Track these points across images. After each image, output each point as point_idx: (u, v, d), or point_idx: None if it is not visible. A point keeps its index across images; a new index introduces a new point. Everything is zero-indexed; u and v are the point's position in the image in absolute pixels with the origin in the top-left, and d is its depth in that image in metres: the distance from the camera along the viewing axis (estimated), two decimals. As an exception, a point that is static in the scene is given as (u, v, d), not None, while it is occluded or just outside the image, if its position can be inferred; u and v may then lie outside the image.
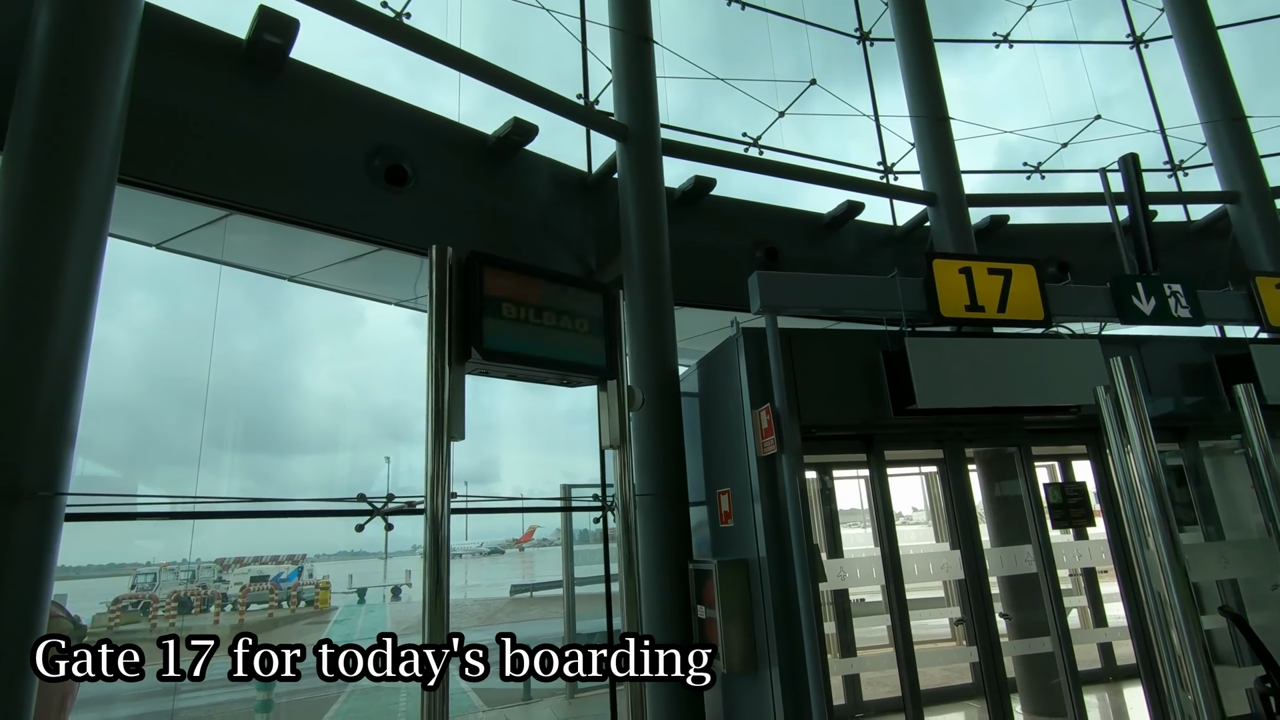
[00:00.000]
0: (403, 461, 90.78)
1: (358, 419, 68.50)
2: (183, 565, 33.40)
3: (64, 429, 3.23)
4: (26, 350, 3.18)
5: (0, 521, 2.98)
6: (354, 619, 24.22)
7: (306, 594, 26.31)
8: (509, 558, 59.95)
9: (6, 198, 3.37)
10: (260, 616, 24.01)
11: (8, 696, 2.93)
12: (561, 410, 50.74)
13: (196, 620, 23.47)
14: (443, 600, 2.61)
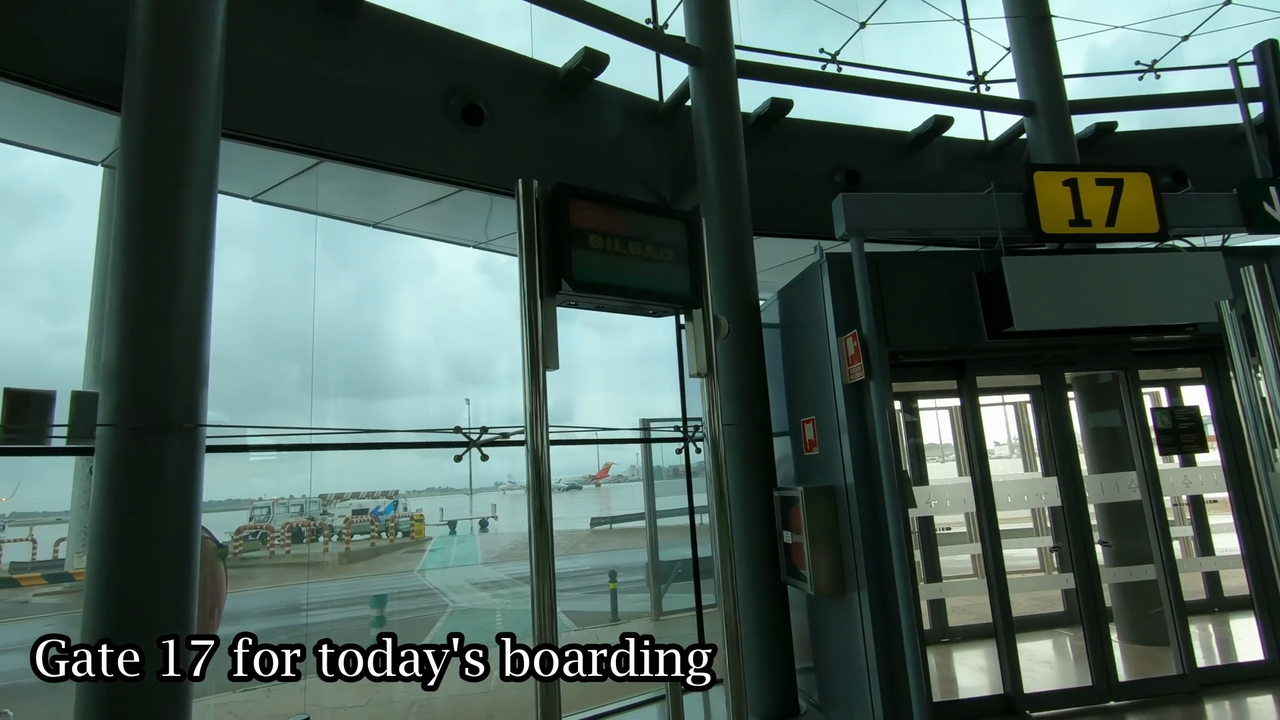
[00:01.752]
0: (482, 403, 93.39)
1: (436, 363, 71.80)
2: (292, 500, 36.38)
3: (197, 367, 3.53)
4: (158, 295, 3.46)
5: (154, 450, 3.33)
6: (447, 548, 25.90)
7: (403, 525, 28.24)
8: (586, 493, 62.10)
9: (126, 156, 3.60)
10: (364, 545, 26.01)
11: (173, 605, 3.33)
12: (636, 348, 51.59)
13: (309, 548, 25.66)
14: (547, 527, 2.75)
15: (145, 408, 3.33)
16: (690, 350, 3.53)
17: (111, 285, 3.45)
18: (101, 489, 3.27)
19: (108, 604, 3.17)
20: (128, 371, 3.35)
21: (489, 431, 5.39)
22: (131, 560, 3.21)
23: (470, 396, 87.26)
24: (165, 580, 3.27)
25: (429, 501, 46.62)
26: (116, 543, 3.21)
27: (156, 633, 3.19)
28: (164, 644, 3.16)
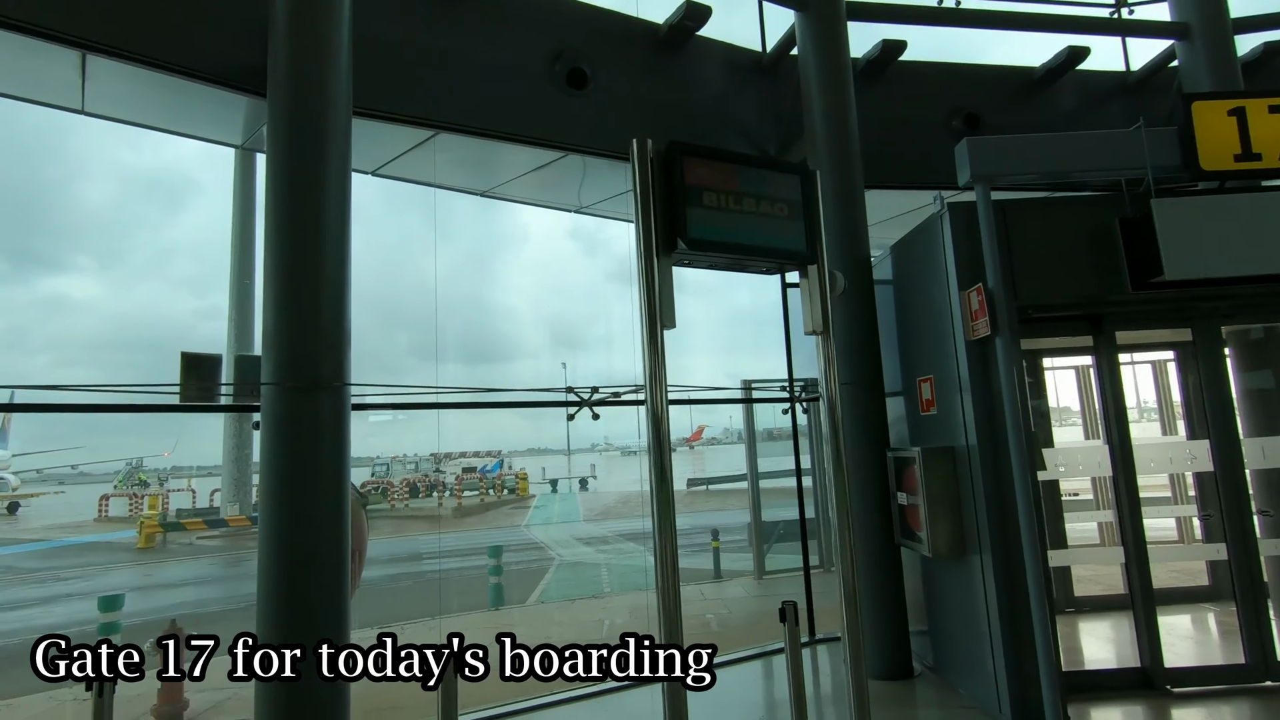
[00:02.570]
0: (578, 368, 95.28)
1: (532, 329, 74.31)
2: (408, 458, 39.02)
3: (341, 331, 3.84)
4: (307, 266, 3.77)
5: (310, 407, 3.67)
6: (550, 505, 27.05)
7: (509, 483, 29.72)
8: (679, 455, 62.92)
9: (273, 138, 3.90)
10: (474, 501, 27.62)
11: (332, 543, 3.69)
12: (730, 310, 50.95)
13: (424, 503, 27.52)
14: (668, 485, 2.82)
15: (301, 368, 3.66)
16: (805, 307, 3.47)
17: (266, 258, 3.79)
18: (268, 440, 3.65)
19: (279, 539, 3.56)
20: (284, 336, 3.69)
21: (599, 392, 5.55)
22: (296, 502, 3.59)
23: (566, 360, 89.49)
24: (324, 521, 3.63)
25: (529, 461, 48.66)
26: (284, 486, 3.59)
27: (319, 567, 3.57)
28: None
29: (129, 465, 42.73)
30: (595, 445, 67.27)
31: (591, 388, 5.57)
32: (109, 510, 25.88)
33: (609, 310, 65.37)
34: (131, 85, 5.03)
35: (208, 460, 36.40)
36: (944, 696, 4.72)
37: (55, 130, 71.72)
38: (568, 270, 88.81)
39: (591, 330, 62.05)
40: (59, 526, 24.23)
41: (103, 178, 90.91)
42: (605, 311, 63.63)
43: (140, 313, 73.50)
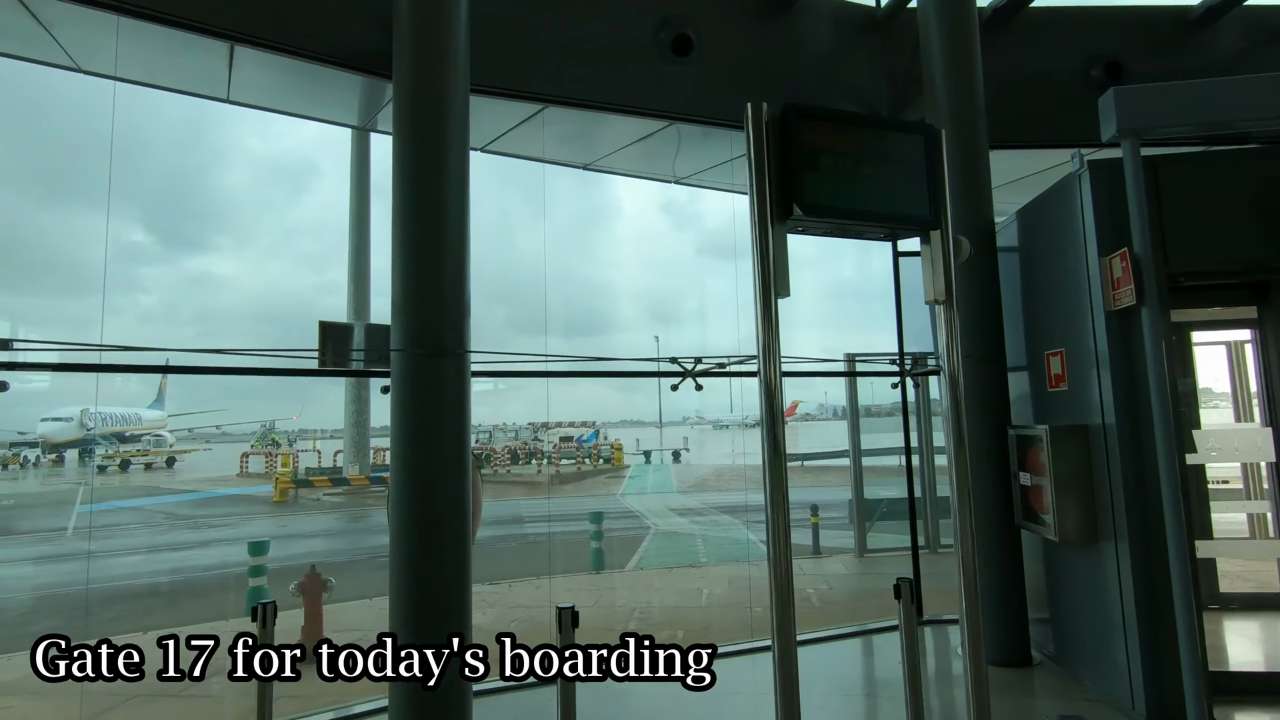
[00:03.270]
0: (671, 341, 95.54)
1: (625, 302, 75.49)
2: (507, 426, 40.68)
3: (462, 301, 4.03)
4: (431, 239, 3.97)
5: (435, 373, 3.89)
6: (644, 476, 27.51)
7: (604, 453, 30.44)
8: (773, 430, 61.84)
9: (399, 117, 4.11)
10: (571, 469, 28.52)
11: (456, 501, 3.93)
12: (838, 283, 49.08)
13: (523, 469, 28.68)
14: (782, 458, 2.77)
15: (426, 336, 3.88)
16: (927, 275, 3.31)
17: (394, 233, 4.01)
18: (397, 403, 3.91)
19: (409, 494, 3.83)
20: (411, 306, 3.91)
21: (703, 363, 5.55)
22: (424, 462, 3.84)
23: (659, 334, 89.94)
24: (448, 478, 3.87)
25: (622, 433, 49.54)
26: (412, 446, 3.85)
27: (445, 522, 3.82)
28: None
29: (263, 427, 46.90)
30: (686, 418, 67.52)
31: (694, 358, 5.58)
32: (248, 467, 28.65)
33: (701, 284, 64.87)
34: (270, 74, 5.43)
35: (329, 424, 39.48)
36: (1067, 687, 4.48)
37: (196, 123, 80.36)
38: (659, 244, 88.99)
39: (684, 304, 61.98)
40: (208, 479, 27.10)
41: (236, 165, 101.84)
42: (697, 285, 63.27)
43: (269, 288, 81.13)
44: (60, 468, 32.56)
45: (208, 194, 77.21)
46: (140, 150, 54.53)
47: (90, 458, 33.86)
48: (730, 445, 45.24)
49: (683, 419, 67.18)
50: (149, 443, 36.64)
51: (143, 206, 59.02)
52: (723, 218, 65.95)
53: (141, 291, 65.16)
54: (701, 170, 7.85)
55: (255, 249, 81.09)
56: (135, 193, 62.04)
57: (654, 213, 59.98)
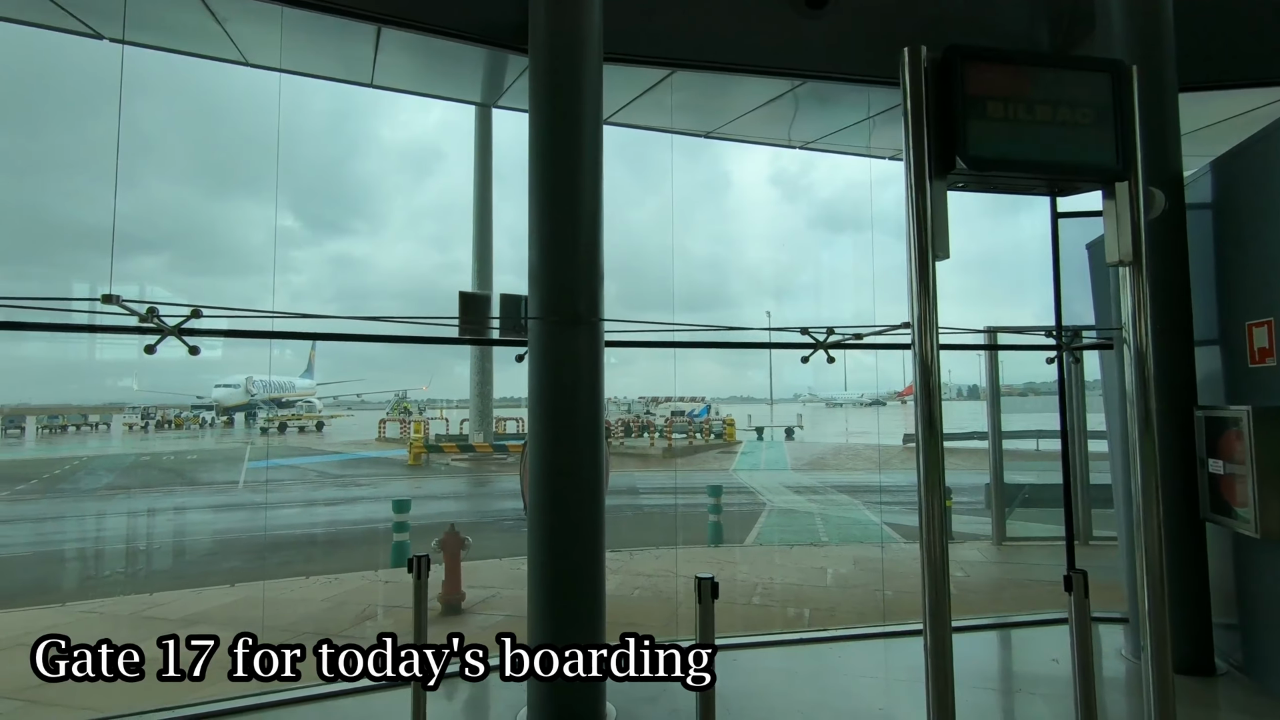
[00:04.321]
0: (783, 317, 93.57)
1: (734, 278, 74.11)
2: (620, 400, 41.47)
3: (596, 269, 4.05)
4: (566, 207, 4.00)
5: (570, 341, 3.94)
6: (757, 452, 27.19)
7: (716, 428, 30.35)
8: (890, 410, 59.51)
9: (534, 86, 4.14)
10: (682, 444, 28.68)
11: (590, 466, 3.99)
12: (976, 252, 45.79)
13: (636, 442, 29.16)
14: (938, 437, 2.55)
15: (562, 304, 3.94)
16: (1110, 233, 2.92)
17: (531, 202, 4.08)
18: (534, 370, 4.01)
19: (546, 459, 3.93)
20: (548, 275, 3.97)
21: (835, 334, 5.30)
22: (560, 428, 3.92)
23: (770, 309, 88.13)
24: (584, 443, 3.93)
25: (731, 409, 49.15)
26: (549, 412, 3.93)
27: (580, 484, 3.90)
28: (585, 499, 3.81)
29: (397, 396, 50.53)
30: (798, 395, 65.90)
31: (826, 329, 5.34)
32: (386, 432, 31.03)
33: (813, 257, 62.51)
34: (408, 55, 5.68)
35: (454, 395, 41.93)
36: (1258, 702, 3.96)
37: (336, 115, 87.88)
38: (768, 217, 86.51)
39: (796, 279, 60.10)
40: (351, 442, 29.63)
41: (370, 153, 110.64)
42: (808, 259, 61.04)
43: (400, 267, 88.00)
44: (231, 429, 36.78)
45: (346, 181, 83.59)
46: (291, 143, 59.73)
47: (254, 420, 38.01)
48: (844, 424, 43.85)
49: (794, 396, 65.68)
50: (301, 408, 40.60)
51: (293, 194, 64.89)
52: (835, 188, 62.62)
53: (293, 272, 71.97)
54: (829, 133, 7.47)
55: (387, 231, 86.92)
56: (286, 181, 68.16)
57: (763, 186, 58.39)
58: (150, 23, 5.22)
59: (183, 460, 23.28)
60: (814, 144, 7.90)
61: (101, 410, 38.57)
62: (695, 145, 7.50)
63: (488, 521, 12.00)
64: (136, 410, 38.92)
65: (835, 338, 5.29)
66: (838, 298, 48.60)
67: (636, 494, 16.25)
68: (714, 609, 3.07)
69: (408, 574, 3.47)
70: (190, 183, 67.14)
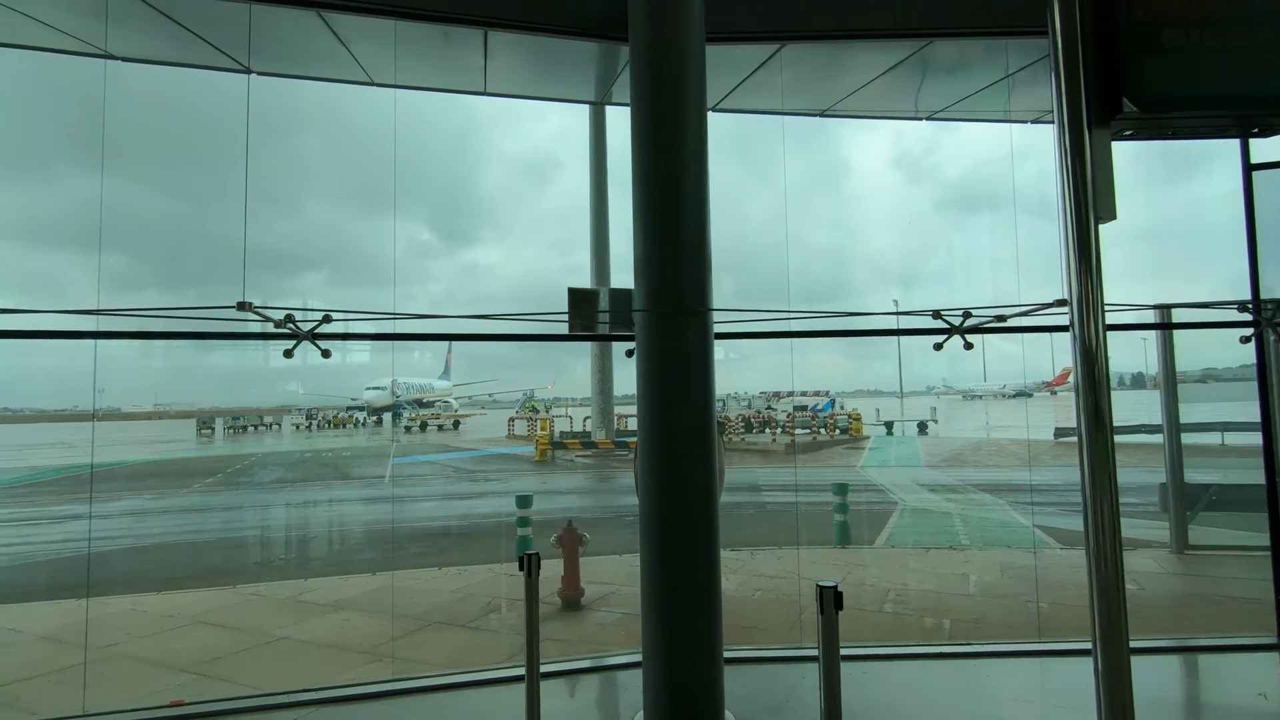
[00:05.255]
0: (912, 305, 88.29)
1: (857, 267, 70.28)
2: (740, 395, 40.89)
3: (703, 258, 3.87)
4: (670, 194, 3.85)
5: (677, 332, 3.80)
6: (886, 448, 25.78)
7: (841, 423, 29.09)
8: (1038, 401, 54.63)
9: (635, 74, 4.03)
10: (805, 439, 27.76)
11: (702, 458, 3.82)
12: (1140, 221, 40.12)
13: (758, 438, 28.57)
14: (1106, 431, 2.14)
15: (668, 295, 3.79)
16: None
17: (635, 192, 3.97)
18: (642, 363, 3.90)
19: (655, 455, 3.81)
20: (653, 265, 3.84)
21: (972, 316, 4.78)
22: (669, 421, 3.78)
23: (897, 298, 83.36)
24: (694, 438, 3.77)
25: (857, 403, 47.07)
26: (658, 405, 3.81)
27: (693, 482, 3.74)
28: (697, 498, 3.65)
29: (524, 395, 52.82)
30: (930, 388, 61.90)
31: (963, 311, 4.83)
32: (515, 429, 32.49)
33: (943, 241, 58.27)
34: (519, 58, 5.77)
35: (577, 393, 43.21)
36: None
37: (460, 133, 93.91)
38: (891, 202, 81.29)
39: (923, 265, 56.24)
40: (484, 439, 31.29)
41: (493, 165, 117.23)
42: (938, 243, 56.94)
43: (524, 273, 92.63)
44: (380, 428, 40.04)
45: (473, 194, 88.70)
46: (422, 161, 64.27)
47: (399, 419, 41.17)
48: (984, 417, 40.75)
49: (926, 388, 61.77)
50: (440, 407, 43.47)
51: (427, 208, 69.80)
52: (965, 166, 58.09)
53: (430, 281, 77.39)
54: (961, 99, 6.83)
55: (511, 239, 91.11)
56: (420, 197, 73.35)
57: (884, 169, 54.76)
58: (286, 52, 5.64)
59: (339, 456, 25.58)
60: (943, 113, 7.26)
61: (274, 411, 43.28)
62: (809, 132, 7.15)
63: (608, 517, 12.14)
64: (302, 411, 43.34)
65: (973, 321, 4.78)
66: (974, 283, 45.03)
67: (758, 490, 15.87)
68: (838, 620, 2.81)
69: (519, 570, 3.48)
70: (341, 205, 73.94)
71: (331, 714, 4.03)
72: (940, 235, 61.32)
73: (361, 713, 4.09)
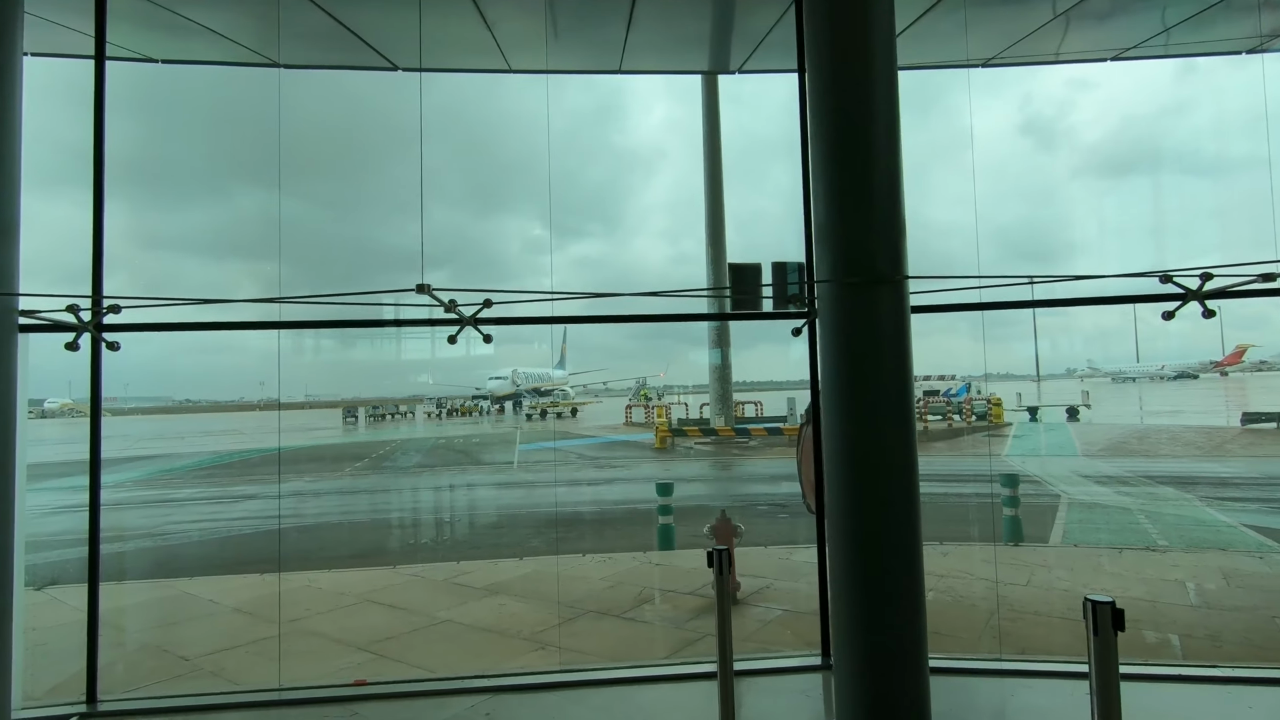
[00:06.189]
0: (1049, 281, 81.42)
1: (978, 244, 64.71)
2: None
3: (897, 219, 3.44)
4: (856, 149, 3.44)
5: (869, 304, 3.39)
6: (1033, 435, 23.67)
7: (978, 408, 26.98)
8: (1204, 384, 48.54)
9: (812, 24, 3.63)
10: (939, 426, 26.01)
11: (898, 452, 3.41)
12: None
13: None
14: None
15: (858, 261, 3.40)
16: None
17: (813, 150, 3.59)
18: (828, 340, 3.52)
19: (845, 443, 3.43)
20: (839, 228, 3.45)
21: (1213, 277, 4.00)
22: (861, 406, 3.39)
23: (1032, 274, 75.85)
24: (891, 425, 3.37)
25: (989, 387, 43.67)
26: (845, 386, 3.42)
27: (890, 470, 3.34)
28: (898, 490, 3.25)
29: (636, 383, 53.28)
30: (1072, 370, 56.40)
31: (1202, 271, 4.06)
32: (632, 417, 32.74)
33: (1082, 211, 52.26)
34: (660, 31, 5.54)
35: (688, 380, 42.98)
36: None
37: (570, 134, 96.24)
38: (1019, 172, 73.44)
39: (1059, 237, 50.60)
40: (602, 427, 31.76)
41: (602, 161, 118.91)
42: (1072, 214, 50.96)
43: (633, 263, 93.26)
44: (502, 416, 41.73)
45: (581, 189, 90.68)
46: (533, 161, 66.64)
47: (520, 408, 42.74)
48: (1138, 402, 36.66)
49: (1066, 371, 56.31)
50: (558, 396, 44.71)
51: (541, 205, 72.06)
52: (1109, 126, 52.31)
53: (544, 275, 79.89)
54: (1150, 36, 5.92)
55: (621, 232, 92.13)
56: (535, 195, 75.72)
57: (1012, 137, 49.17)
58: (430, 44, 5.68)
59: (469, 443, 26.81)
60: (1133, 51, 6.31)
61: (407, 401, 46.19)
62: (926, 101, 6.46)
63: (740, 506, 11.78)
64: (432, 401, 45.98)
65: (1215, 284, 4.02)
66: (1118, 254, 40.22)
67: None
68: (1116, 643, 2.33)
69: (708, 568, 3.24)
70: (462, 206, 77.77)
71: (505, 702, 3.99)
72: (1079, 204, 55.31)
73: (534, 703, 4.02)
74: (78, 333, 3.78)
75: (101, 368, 4.17)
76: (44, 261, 4.18)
